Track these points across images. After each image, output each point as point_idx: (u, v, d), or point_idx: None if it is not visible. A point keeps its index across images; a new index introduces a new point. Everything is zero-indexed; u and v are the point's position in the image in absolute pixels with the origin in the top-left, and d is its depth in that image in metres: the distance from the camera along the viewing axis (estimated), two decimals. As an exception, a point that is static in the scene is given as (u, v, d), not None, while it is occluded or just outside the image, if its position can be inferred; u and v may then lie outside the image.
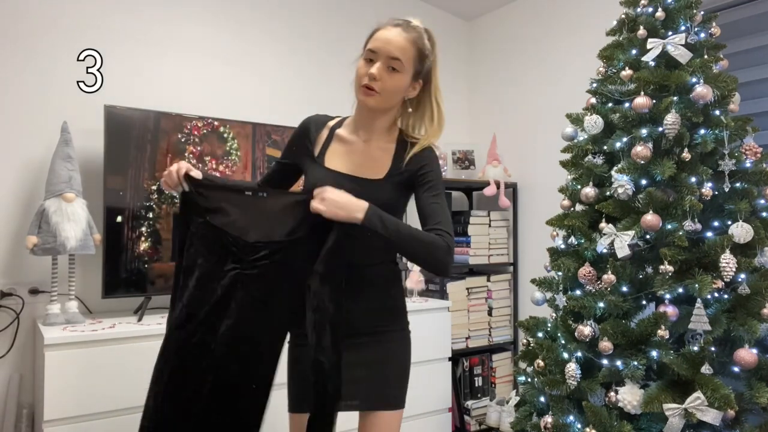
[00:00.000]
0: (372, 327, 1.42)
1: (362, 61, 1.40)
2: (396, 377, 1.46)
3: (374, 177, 1.40)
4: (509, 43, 3.34)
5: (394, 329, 1.47)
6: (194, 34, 2.57)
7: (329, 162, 1.43)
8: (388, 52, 1.36)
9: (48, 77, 2.20)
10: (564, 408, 1.85)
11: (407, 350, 1.49)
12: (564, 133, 2.15)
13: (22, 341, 2.10)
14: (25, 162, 2.15)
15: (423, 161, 1.41)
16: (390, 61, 1.36)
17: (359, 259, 1.36)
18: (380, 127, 1.45)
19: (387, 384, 1.43)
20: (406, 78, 1.39)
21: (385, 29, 1.40)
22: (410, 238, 1.29)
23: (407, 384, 1.48)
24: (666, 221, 1.77)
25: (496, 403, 2.85)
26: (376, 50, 1.37)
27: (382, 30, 1.41)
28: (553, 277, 2.04)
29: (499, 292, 3.13)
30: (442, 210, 1.37)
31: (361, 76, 1.38)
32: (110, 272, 2.11)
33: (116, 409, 1.83)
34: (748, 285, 1.71)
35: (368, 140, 1.45)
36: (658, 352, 1.69)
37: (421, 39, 1.42)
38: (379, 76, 1.35)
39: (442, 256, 1.29)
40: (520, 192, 3.20)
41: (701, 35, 1.95)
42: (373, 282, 1.43)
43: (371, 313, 1.41)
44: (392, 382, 1.44)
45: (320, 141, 1.47)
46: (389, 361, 1.44)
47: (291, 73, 2.85)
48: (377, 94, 1.37)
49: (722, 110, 1.87)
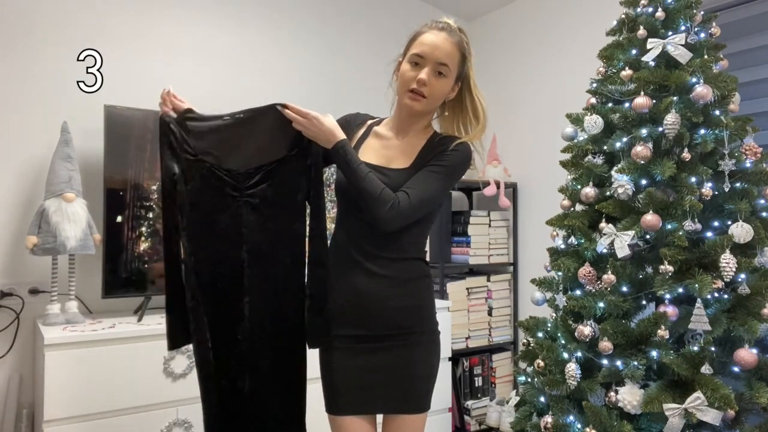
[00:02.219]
0: (396, 328, 1.39)
1: (408, 65, 1.41)
2: (422, 381, 1.43)
3: (401, 167, 1.41)
4: (509, 43, 3.34)
5: (421, 331, 1.43)
6: (195, 33, 2.57)
7: (362, 154, 1.44)
8: (437, 58, 1.38)
9: (48, 77, 2.21)
10: (564, 408, 1.84)
11: (435, 354, 1.47)
12: (564, 133, 2.15)
13: (22, 341, 2.10)
14: (25, 162, 2.15)
15: (447, 146, 1.42)
16: (438, 66, 1.38)
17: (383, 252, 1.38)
18: (418, 128, 1.48)
19: (412, 388, 1.41)
20: (451, 82, 1.43)
21: (431, 33, 1.41)
22: (362, 180, 1.32)
23: (434, 386, 1.46)
24: (666, 221, 1.76)
25: (496, 403, 2.85)
26: (423, 55, 1.38)
27: (428, 34, 1.41)
28: (553, 277, 2.04)
29: (499, 292, 3.13)
30: (426, 181, 1.38)
31: (409, 80, 1.39)
32: (110, 272, 2.11)
33: (116, 409, 1.83)
34: (748, 285, 1.71)
35: (404, 138, 1.47)
36: (658, 352, 1.69)
37: (463, 42, 1.44)
38: (428, 81, 1.37)
39: (376, 208, 1.32)
40: (520, 192, 3.20)
41: (701, 35, 1.95)
42: (398, 279, 1.40)
43: (395, 312, 1.39)
44: (417, 387, 1.42)
45: (357, 136, 1.51)
46: (415, 366, 1.41)
47: (292, 73, 2.85)
48: (425, 99, 1.39)
49: (722, 110, 1.87)
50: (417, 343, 1.41)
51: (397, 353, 1.38)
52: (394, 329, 1.38)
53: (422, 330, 1.43)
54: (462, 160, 1.43)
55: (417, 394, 1.42)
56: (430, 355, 1.45)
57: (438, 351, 1.48)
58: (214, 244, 1.34)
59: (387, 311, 1.38)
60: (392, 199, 1.32)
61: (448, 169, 1.41)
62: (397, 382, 1.39)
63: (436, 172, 1.39)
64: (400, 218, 1.33)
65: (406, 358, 1.39)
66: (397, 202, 1.32)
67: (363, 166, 1.34)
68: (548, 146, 2.98)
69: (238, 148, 1.35)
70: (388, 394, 1.38)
